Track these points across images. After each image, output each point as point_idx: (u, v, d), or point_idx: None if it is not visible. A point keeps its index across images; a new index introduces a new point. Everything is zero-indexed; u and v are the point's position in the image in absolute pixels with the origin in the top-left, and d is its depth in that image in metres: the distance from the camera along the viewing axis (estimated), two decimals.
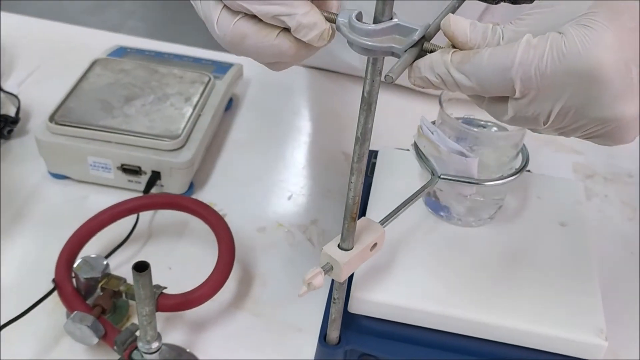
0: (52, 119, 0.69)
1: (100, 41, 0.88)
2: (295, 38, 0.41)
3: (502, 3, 0.41)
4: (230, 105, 0.84)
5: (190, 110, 0.72)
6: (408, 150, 0.62)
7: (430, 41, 0.38)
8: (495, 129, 0.58)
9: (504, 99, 0.39)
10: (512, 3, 0.41)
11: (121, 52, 0.83)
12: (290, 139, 0.82)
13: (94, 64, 0.77)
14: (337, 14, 0.39)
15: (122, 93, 0.73)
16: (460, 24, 0.38)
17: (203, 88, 0.75)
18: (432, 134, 0.54)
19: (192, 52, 0.88)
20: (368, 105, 0.39)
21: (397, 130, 0.72)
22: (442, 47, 0.38)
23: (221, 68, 0.82)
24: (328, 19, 0.40)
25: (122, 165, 0.69)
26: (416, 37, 0.37)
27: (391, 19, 0.37)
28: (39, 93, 0.82)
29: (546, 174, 0.66)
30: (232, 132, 0.81)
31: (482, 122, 0.58)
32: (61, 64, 0.88)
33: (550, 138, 0.82)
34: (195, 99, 0.74)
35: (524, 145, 0.57)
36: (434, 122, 0.57)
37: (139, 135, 0.68)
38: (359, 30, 0.38)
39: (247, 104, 0.86)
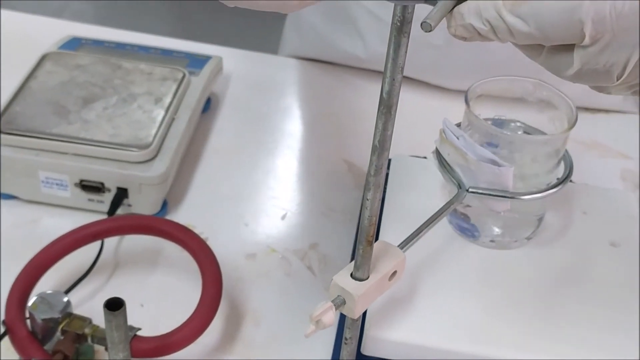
0: None
1: (47, 30, 0.89)
2: None
3: None
4: (209, 105, 0.85)
5: (162, 113, 0.73)
6: (426, 158, 0.64)
7: None
8: (532, 132, 0.60)
9: (569, 48, 0.39)
10: None
11: (75, 43, 0.84)
12: (282, 145, 0.83)
13: (43, 58, 0.78)
14: None
15: (80, 94, 0.74)
16: None
17: (176, 86, 0.77)
18: (458, 139, 0.56)
19: (160, 42, 0.89)
20: (387, 108, 0.41)
21: (414, 133, 0.74)
22: None
23: (197, 62, 0.83)
24: None
25: (81, 181, 0.70)
26: None
27: None
28: None
29: (592, 184, 0.67)
30: (212, 139, 0.82)
31: (517, 124, 0.60)
32: (1, 59, 0.89)
33: (593, 142, 0.84)
34: (167, 100, 0.75)
35: (566, 151, 0.58)
36: (459, 125, 0.59)
37: (101, 145, 0.69)
38: None
39: (228, 104, 0.87)
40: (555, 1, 0.37)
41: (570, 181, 0.64)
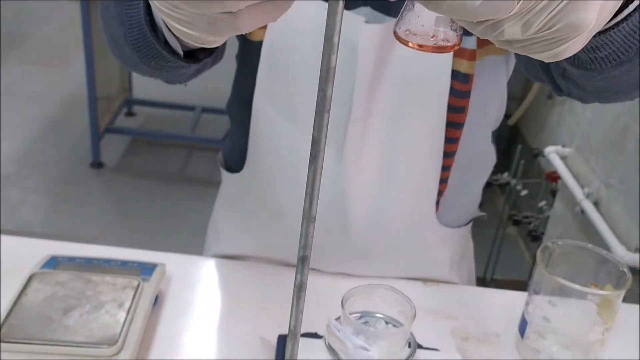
0: None
1: (28, 249, 0.94)
2: None
3: None
4: (157, 301, 0.90)
5: (124, 315, 0.79)
6: (322, 337, 0.73)
7: None
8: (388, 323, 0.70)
9: None
10: None
11: (53, 262, 0.89)
12: (218, 330, 0.89)
13: (30, 278, 0.83)
14: None
15: (60, 305, 0.79)
16: None
17: (134, 293, 0.83)
18: (339, 331, 0.65)
19: (118, 253, 0.96)
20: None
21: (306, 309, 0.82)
22: None
23: (147, 270, 0.89)
24: None
25: None
26: None
27: None
28: None
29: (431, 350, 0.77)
30: (160, 329, 0.87)
31: (379, 315, 0.70)
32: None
33: (430, 308, 0.94)
34: (127, 304, 0.81)
35: (411, 333, 0.69)
36: (339, 319, 0.69)
37: (79, 345, 0.74)
38: None
39: (171, 299, 0.92)
40: None
41: (419, 346, 0.74)
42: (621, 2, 0.43)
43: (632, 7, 0.48)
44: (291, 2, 0.41)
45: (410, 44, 0.48)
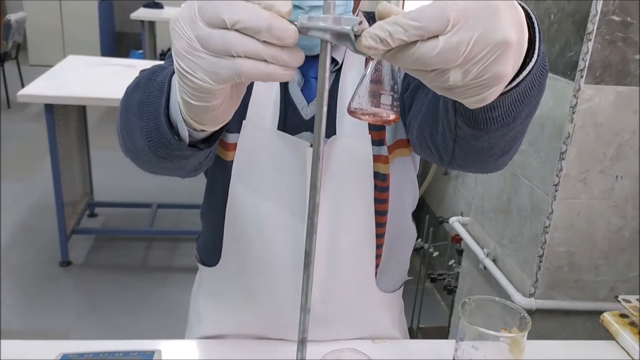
0: None
1: (38, 350, 0.94)
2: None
3: None
4: None
5: None
6: None
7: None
8: None
9: (435, 39, 0.44)
10: None
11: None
12: None
13: None
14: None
15: None
16: (390, 5, 0.45)
17: None
18: None
19: (116, 345, 0.96)
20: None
21: None
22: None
23: (146, 358, 0.92)
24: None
25: None
26: (359, 19, 0.45)
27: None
28: None
29: None
30: None
31: None
32: None
33: None
34: None
35: None
36: None
37: None
38: (316, 18, 0.45)
39: None
40: (432, 5, 0.44)
41: None
42: (521, 61, 0.51)
43: (517, 80, 0.56)
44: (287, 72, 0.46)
45: (363, 118, 0.54)
